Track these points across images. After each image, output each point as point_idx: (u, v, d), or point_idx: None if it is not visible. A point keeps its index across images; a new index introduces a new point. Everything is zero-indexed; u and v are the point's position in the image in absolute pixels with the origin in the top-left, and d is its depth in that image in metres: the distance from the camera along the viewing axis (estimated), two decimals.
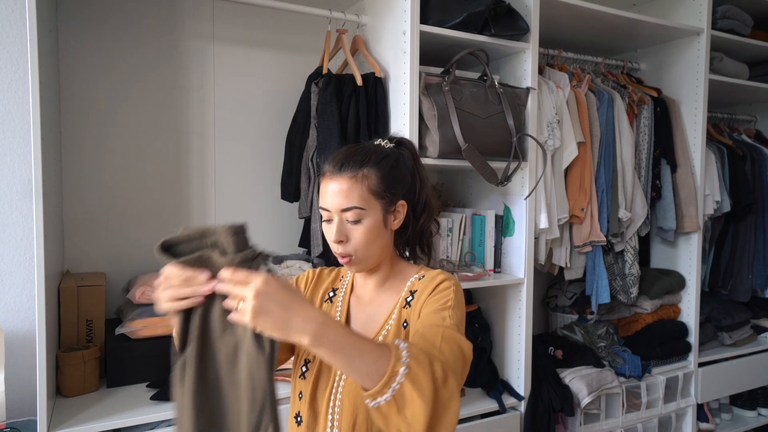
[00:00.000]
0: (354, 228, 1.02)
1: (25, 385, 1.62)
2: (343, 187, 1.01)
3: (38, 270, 1.28)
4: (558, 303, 2.41)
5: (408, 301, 1.06)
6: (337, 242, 1.02)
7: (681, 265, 2.45)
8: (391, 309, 1.08)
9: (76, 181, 1.75)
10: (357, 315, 1.12)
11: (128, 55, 1.81)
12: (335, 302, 1.14)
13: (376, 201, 1.03)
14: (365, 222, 1.02)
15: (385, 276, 1.12)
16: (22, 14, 1.63)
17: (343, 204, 1.01)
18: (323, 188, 1.04)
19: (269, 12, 1.97)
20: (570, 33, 2.27)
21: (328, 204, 1.03)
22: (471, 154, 1.71)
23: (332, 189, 1.02)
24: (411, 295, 1.07)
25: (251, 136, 2.02)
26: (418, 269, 1.13)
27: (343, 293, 1.14)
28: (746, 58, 2.64)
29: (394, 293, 1.10)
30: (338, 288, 1.16)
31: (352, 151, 1.06)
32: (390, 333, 1.05)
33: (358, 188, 1.01)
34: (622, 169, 2.18)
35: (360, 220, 1.02)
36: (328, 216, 1.03)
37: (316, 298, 1.16)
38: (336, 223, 1.02)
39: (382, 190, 1.03)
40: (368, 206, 1.02)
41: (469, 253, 1.98)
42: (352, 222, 1.01)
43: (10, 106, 1.64)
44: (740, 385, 2.60)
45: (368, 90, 1.76)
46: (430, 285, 1.04)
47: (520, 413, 1.92)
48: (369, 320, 1.09)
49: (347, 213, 1.01)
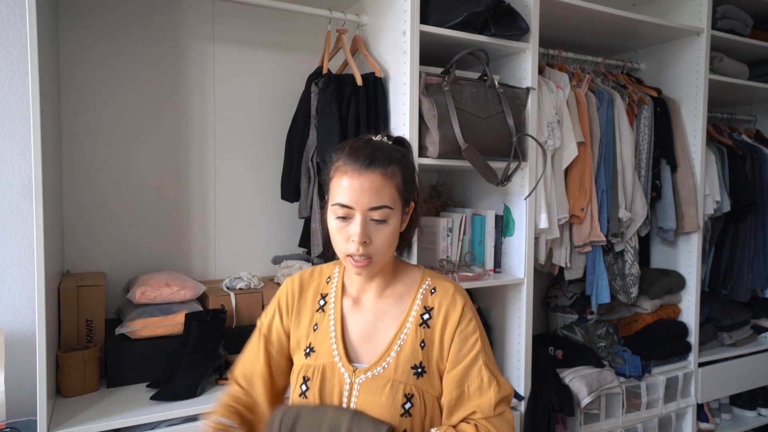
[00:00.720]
0: (378, 228, 0.96)
1: (25, 385, 1.62)
2: (375, 183, 0.95)
3: (38, 270, 1.28)
4: (558, 303, 2.41)
5: (425, 319, 1.02)
6: (361, 243, 0.95)
7: (681, 265, 2.45)
8: (402, 322, 1.03)
9: (76, 181, 1.75)
10: (356, 322, 1.06)
11: (128, 55, 1.81)
12: (327, 311, 1.08)
13: (399, 201, 0.99)
14: (391, 222, 0.97)
15: (388, 280, 1.07)
16: (22, 14, 1.63)
17: (373, 202, 0.95)
18: (341, 183, 0.96)
19: (269, 12, 1.97)
20: (570, 33, 2.27)
21: (352, 201, 0.95)
22: (471, 154, 1.71)
23: (360, 185, 0.95)
24: (427, 313, 1.02)
25: (251, 136, 2.02)
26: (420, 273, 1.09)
27: (333, 299, 1.08)
28: (746, 58, 2.64)
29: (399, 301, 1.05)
30: (327, 294, 1.10)
31: (373, 147, 0.99)
32: (404, 349, 1.00)
33: (389, 186, 0.96)
34: (622, 169, 2.18)
35: (386, 221, 0.97)
36: (347, 213, 0.96)
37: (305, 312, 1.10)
38: (360, 223, 0.95)
39: (404, 190, 1.00)
40: (395, 206, 0.97)
41: (469, 253, 1.98)
42: (377, 222, 0.96)
43: (10, 106, 1.64)
44: (740, 385, 2.59)
45: (368, 90, 1.76)
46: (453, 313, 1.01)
47: (520, 413, 1.92)
48: (374, 330, 1.04)
49: (375, 212, 0.95)
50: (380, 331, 1.03)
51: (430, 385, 1.00)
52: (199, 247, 1.95)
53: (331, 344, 1.04)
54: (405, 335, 1.01)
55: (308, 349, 1.06)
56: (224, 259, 1.99)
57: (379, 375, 0.99)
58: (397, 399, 0.97)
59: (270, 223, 2.06)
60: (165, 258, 1.89)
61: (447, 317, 1.02)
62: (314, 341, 1.06)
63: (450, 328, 1.01)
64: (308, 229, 1.86)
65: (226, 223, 1.99)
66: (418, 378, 0.99)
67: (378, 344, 1.02)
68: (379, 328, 1.04)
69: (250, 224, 2.03)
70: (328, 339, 1.05)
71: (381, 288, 1.07)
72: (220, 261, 1.98)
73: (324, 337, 1.05)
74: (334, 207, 0.97)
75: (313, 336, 1.07)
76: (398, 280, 1.07)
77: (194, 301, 1.73)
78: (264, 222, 2.05)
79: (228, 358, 1.68)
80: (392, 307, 1.05)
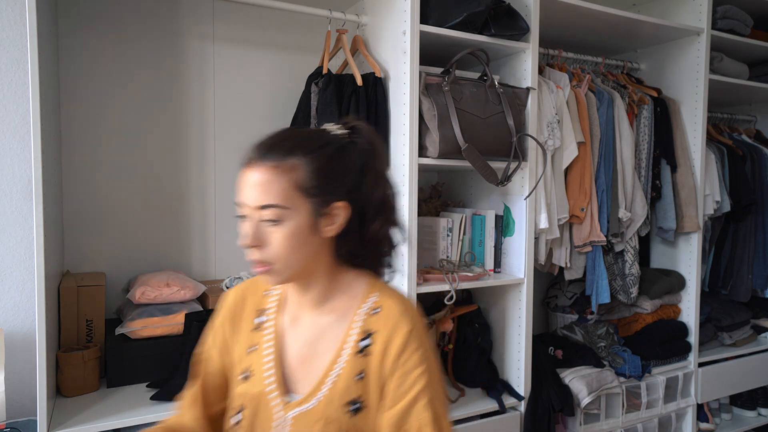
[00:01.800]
0: (272, 230, 0.83)
1: (25, 385, 1.62)
2: (261, 178, 0.82)
3: (38, 270, 1.28)
4: (558, 303, 2.41)
5: (362, 347, 0.87)
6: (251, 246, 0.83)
7: (681, 265, 2.45)
8: (338, 347, 0.89)
9: (76, 181, 1.75)
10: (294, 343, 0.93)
11: (128, 55, 1.81)
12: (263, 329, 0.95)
13: (303, 199, 0.83)
14: (287, 224, 0.83)
15: (323, 293, 0.91)
16: (22, 14, 1.63)
17: (259, 200, 0.82)
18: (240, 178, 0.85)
19: (269, 12, 1.97)
20: (570, 33, 2.27)
21: (241, 197, 0.84)
22: (471, 154, 1.71)
23: (247, 180, 0.83)
24: (367, 338, 0.87)
25: (251, 136, 2.00)
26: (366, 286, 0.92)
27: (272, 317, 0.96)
28: (746, 58, 2.64)
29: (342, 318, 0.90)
30: (266, 308, 0.97)
31: (284, 136, 0.88)
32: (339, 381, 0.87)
33: (279, 182, 0.82)
34: (622, 169, 2.18)
35: (279, 221, 0.82)
36: (241, 212, 0.85)
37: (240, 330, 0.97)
38: (249, 223, 0.83)
39: (313, 186, 0.84)
40: (292, 205, 0.83)
41: (469, 253, 1.98)
42: (269, 223, 0.83)
43: (10, 106, 1.64)
44: (740, 385, 2.59)
45: (368, 90, 1.76)
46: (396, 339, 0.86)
47: (520, 413, 1.92)
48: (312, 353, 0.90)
49: (264, 211, 0.82)
50: (318, 355, 0.90)
51: (367, 423, 0.86)
52: (199, 247, 1.95)
53: (264, 370, 0.92)
54: (342, 364, 0.87)
55: (245, 374, 0.94)
56: (224, 259, 1.99)
57: (311, 410, 0.87)
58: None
59: None
60: (165, 258, 1.89)
61: (389, 344, 0.86)
62: (251, 365, 0.94)
63: (390, 358, 0.85)
64: None
65: (226, 223, 1.99)
66: (354, 415, 0.86)
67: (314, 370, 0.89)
68: (317, 350, 0.90)
69: None
70: (262, 364, 0.92)
71: (317, 301, 0.92)
72: (220, 261, 1.98)
73: (259, 361, 0.93)
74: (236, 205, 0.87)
75: (248, 359, 0.94)
76: (340, 291, 0.92)
77: (194, 301, 1.73)
78: None
79: None
80: (333, 325, 0.91)
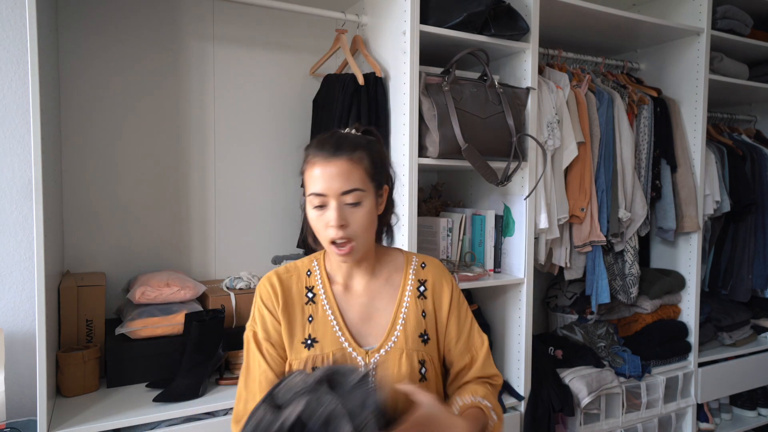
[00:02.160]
0: (353, 211, 1.00)
1: (25, 385, 1.62)
2: (343, 168, 1.00)
3: (38, 270, 1.28)
4: (558, 303, 2.41)
5: (421, 291, 1.10)
6: (339, 227, 0.99)
7: (681, 265, 2.45)
8: (398, 298, 1.10)
9: (76, 181, 1.75)
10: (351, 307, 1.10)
11: (128, 54, 1.81)
12: (318, 301, 1.10)
13: (370, 183, 1.04)
14: (365, 204, 1.02)
15: (372, 263, 1.12)
16: (22, 14, 1.63)
17: (344, 186, 0.99)
18: (313, 174, 1.01)
19: (269, 12, 1.97)
20: (570, 33, 2.27)
21: (324, 188, 1.00)
22: (471, 154, 1.71)
23: (329, 172, 1.00)
24: (422, 285, 1.11)
25: (251, 136, 2.02)
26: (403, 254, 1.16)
27: (323, 289, 1.11)
28: (746, 58, 2.64)
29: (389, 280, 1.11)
30: (314, 286, 1.12)
31: (338, 137, 1.05)
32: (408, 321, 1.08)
33: (357, 170, 1.01)
34: (622, 169, 2.18)
35: (360, 203, 1.01)
36: (322, 201, 1.01)
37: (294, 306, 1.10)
38: (335, 208, 0.99)
39: (375, 172, 1.05)
40: (366, 188, 1.02)
41: (469, 253, 1.98)
42: (351, 205, 1.00)
43: (10, 106, 1.64)
44: (740, 385, 2.59)
45: (369, 90, 1.76)
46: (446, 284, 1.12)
47: (520, 413, 1.92)
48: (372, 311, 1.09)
49: (347, 196, 1.00)
50: (378, 311, 1.09)
51: (434, 350, 1.10)
52: (199, 247, 1.95)
53: (335, 332, 1.07)
54: (406, 308, 1.09)
55: (309, 341, 1.07)
56: (224, 259, 1.99)
57: (391, 350, 1.06)
58: (414, 366, 1.05)
59: (270, 223, 2.06)
60: (165, 258, 1.89)
61: (441, 288, 1.12)
62: (314, 332, 1.08)
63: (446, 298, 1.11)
64: None
65: (226, 223, 1.99)
66: (425, 344, 1.08)
67: (380, 323, 1.08)
68: (376, 308, 1.09)
69: (250, 224, 2.03)
70: (330, 327, 1.08)
71: (369, 271, 1.12)
72: (220, 261, 1.98)
73: (324, 327, 1.08)
74: (310, 197, 1.02)
75: (311, 327, 1.09)
76: (384, 262, 1.13)
77: (194, 301, 1.73)
78: (264, 222, 2.05)
79: (228, 357, 1.68)
80: (384, 286, 1.11)
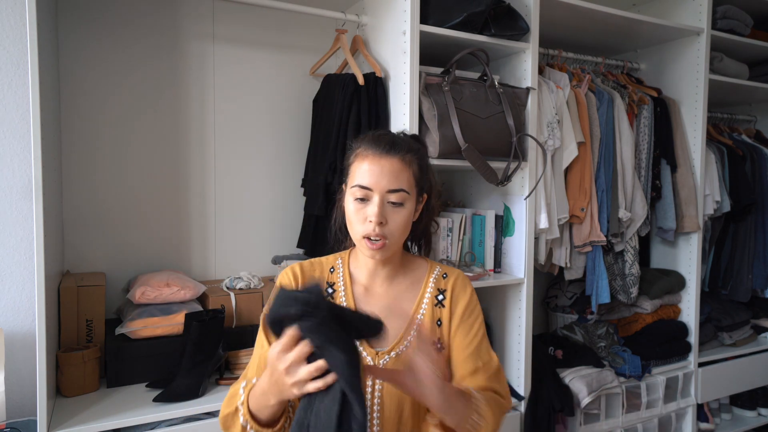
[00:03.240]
0: (395, 211, 1.01)
1: (25, 385, 1.62)
2: (394, 167, 1.00)
3: (38, 270, 1.28)
4: (558, 303, 2.41)
5: (440, 300, 1.09)
6: (378, 223, 0.99)
7: (681, 265, 2.45)
8: (416, 303, 1.09)
9: (76, 181, 1.75)
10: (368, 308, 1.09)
11: (128, 54, 1.81)
12: (337, 297, 1.10)
13: (415, 187, 1.04)
14: (406, 206, 1.02)
15: (396, 268, 1.11)
16: (22, 14, 1.63)
17: (392, 184, 1.00)
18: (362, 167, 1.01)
19: (269, 12, 1.97)
20: (570, 33, 2.27)
21: (371, 182, 1.00)
22: (471, 154, 1.71)
23: (380, 168, 1.00)
24: (441, 294, 1.09)
25: (251, 136, 2.02)
26: (428, 263, 1.14)
27: (343, 287, 1.11)
28: (746, 58, 2.64)
29: (410, 287, 1.10)
30: (335, 282, 1.12)
31: (393, 136, 1.06)
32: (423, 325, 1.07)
33: (406, 172, 1.02)
34: (622, 169, 2.18)
35: (403, 204, 1.01)
36: (366, 195, 1.01)
37: None
38: (377, 204, 0.99)
39: (420, 178, 1.05)
40: (411, 191, 1.03)
41: (469, 253, 1.98)
42: (394, 204, 1.00)
43: (10, 106, 1.64)
44: (740, 385, 2.59)
45: (369, 90, 1.76)
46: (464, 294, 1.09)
47: (520, 413, 1.92)
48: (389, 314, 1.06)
49: (393, 194, 1.00)
50: (395, 314, 1.07)
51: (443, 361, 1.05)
52: (199, 247, 1.95)
53: None
54: (422, 314, 1.07)
55: None
56: (224, 259, 1.99)
57: (403, 353, 1.03)
58: None
59: (270, 223, 2.06)
60: (165, 258, 1.89)
61: (458, 298, 1.09)
62: None
63: (461, 306, 1.08)
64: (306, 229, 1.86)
65: (226, 223, 1.99)
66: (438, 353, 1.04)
67: (395, 326, 1.05)
68: (394, 311, 1.08)
69: (250, 224, 2.03)
70: None
71: (392, 274, 1.10)
72: (220, 261, 1.98)
73: None
74: (354, 189, 1.02)
75: None
76: (407, 268, 1.12)
77: (194, 301, 1.73)
78: (264, 222, 2.05)
79: (228, 357, 1.68)
80: (404, 292, 1.10)
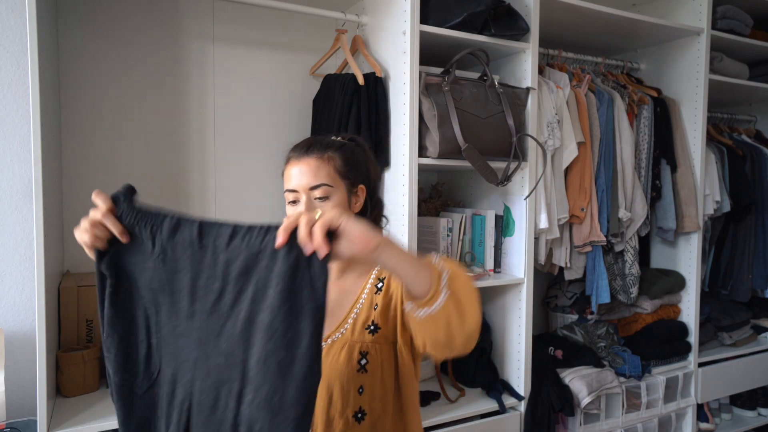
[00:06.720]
0: (322, 205, 1.06)
1: (25, 385, 1.62)
2: (311, 166, 1.08)
3: (38, 270, 1.28)
4: (558, 303, 2.41)
5: (378, 287, 1.12)
6: None
7: (681, 265, 2.45)
8: (359, 293, 1.13)
9: (76, 181, 1.75)
10: None
11: (128, 54, 1.81)
12: None
13: (341, 180, 1.09)
14: (333, 199, 1.07)
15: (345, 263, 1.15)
16: (22, 14, 1.63)
17: (312, 181, 1.07)
18: (288, 173, 1.10)
19: (269, 12, 1.97)
20: (570, 33, 2.27)
21: (295, 184, 1.08)
22: (471, 154, 1.71)
23: (299, 170, 1.08)
24: (380, 282, 1.12)
25: (251, 136, 2.02)
26: None
27: None
28: (746, 58, 2.64)
29: (357, 280, 1.15)
30: None
31: (314, 139, 1.14)
32: (360, 314, 1.10)
33: (325, 167, 1.08)
34: (622, 169, 2.18)
35: (328, 197, 1.07)
36: (295, 197, 1.08)
37: None
38: (305, 202, 1.06)
39: (346, 170, 1.10)
40: (335, 184, 1.08)
41: (469, 253, 1.98)
42: (321, 200, 1.06)
43: (10, 106, 1.64)
44: (740, 385, 2.60)
45: (369, 90, 1.76)
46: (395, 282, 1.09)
47: (520, 413, 1.92)
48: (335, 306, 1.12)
49: (316, 190, 1.07)
50: (341, 306, 1.12)
51: (383, 336, 1.10)
52: None
53: None
54: (361, 303, 1.11)
55: None
56: None
57: (337, 340, 1.09)
58: (353, 357, 1.08)
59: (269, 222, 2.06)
60: None
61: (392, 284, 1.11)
62: None
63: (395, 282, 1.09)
64: None
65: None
66: (372, 335, 1.09)
67: (338, 316, 1.11)
68: (341, 303, 1.13)
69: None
70: None
71: (341, 269, 1.16)
72: None
73: None
74: (286, 194, 1.10)
75: None
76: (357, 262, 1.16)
77: None
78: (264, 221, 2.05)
79: None
80: (353, 284, 1.15)
